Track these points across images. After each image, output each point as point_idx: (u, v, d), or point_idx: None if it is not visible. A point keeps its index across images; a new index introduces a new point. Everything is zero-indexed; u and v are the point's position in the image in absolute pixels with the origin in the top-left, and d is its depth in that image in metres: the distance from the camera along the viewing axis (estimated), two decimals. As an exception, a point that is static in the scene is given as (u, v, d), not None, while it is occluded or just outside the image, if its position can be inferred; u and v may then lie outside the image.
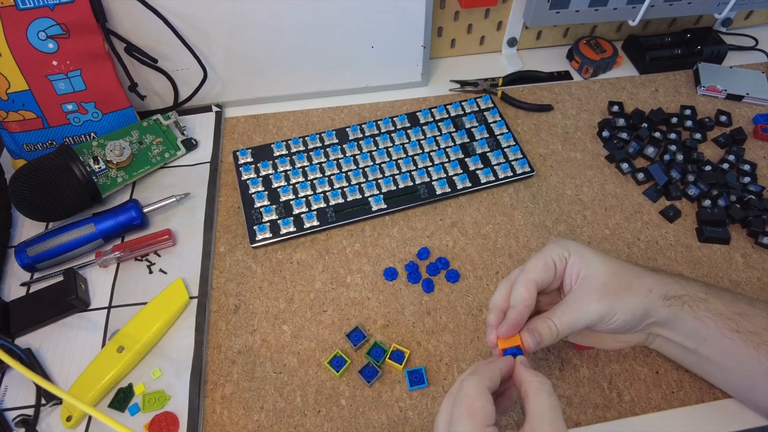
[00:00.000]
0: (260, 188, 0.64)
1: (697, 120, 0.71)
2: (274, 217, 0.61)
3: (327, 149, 0.67)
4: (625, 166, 0.66)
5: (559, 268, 0.43)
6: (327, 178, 0.64)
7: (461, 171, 0.65)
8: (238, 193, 0.64)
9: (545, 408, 0.35)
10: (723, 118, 0.71)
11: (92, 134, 0.65)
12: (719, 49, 0.78)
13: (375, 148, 0.67)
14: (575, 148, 0.69)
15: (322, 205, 0.62)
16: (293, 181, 0.64)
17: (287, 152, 0.67)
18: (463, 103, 0.71)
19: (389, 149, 0.67)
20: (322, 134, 0.68)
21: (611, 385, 0.50)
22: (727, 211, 0.61)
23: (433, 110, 0.71)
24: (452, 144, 0.67)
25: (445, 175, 0.64)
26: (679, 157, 0.66)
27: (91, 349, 0.52)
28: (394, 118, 0.70)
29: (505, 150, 0.67)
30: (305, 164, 0.65)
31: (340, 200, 0.62)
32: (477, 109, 0.71)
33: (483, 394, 0.35)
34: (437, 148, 0.67)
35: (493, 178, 0.64)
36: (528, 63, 0.79)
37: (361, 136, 0.68)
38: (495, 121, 0.70)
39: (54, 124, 0.63)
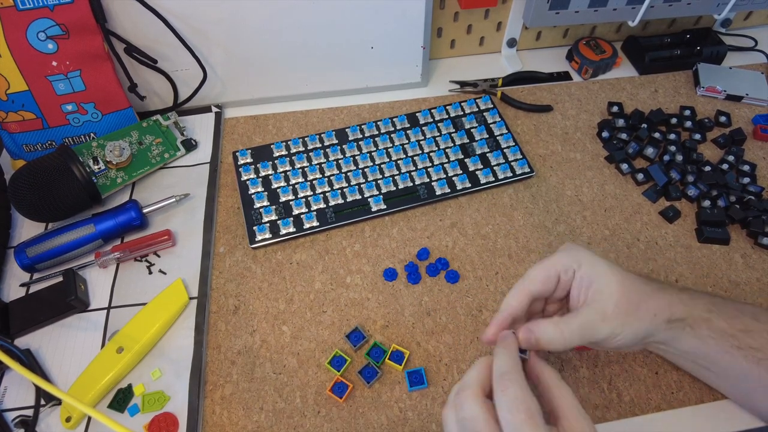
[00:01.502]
0: (260, 189, 0.64)
1: (696, 120, 0.71)
2: (273, 217, 0.61)
3: (326, 150, 0.67)
4: (624, 166, 0.66)
5: (564, 280, 0.42)
6: (326, 179, 0.64)
7: (461, 171, 0.65)
8: (237, 193, 0.64)
9: (573, 402, 0.35)
10: (722, 119, 0.71)
11: (92, 135, 0.65)
12: (719, 50, 0.78)
13: (374, 149, 0.67)
14: (575, 148, 0.69)
15: (322, 205, 0.62)
16: (293, 181, 0.64)
17: (287, 153, 0.67)
18: (462, 104, 0.71)
19: (389, 150, 0.67)
20: (322, 135, 0.68)
21: (611, 385, 0.50)
22: (726, 212, 0.61)
23: (432, 111, 0.71)
24: (452, 144, 0.67)
25: (444, 176, 0.64)
26: (679, 157, 0.66)
27: (90, 349, 0.52)
28: (394, 119, 0.70)
29: (504, 150, 0.67)
30: (305, 165, 0.65)
31: (340, 201, 0.62)
32: (476, 109, 0.71)
33: (531, 394, 0.34)
34: (437, 148, 0.67)
35: (493, 179, 0.64)
36: (527, 63, 0.79)
37: (361, 136, 0.68)
38: (494, 122, 0.70)
39: (53, 125, 0.63)
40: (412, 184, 0.64)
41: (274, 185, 0.64)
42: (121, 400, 0.49)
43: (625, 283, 0.42)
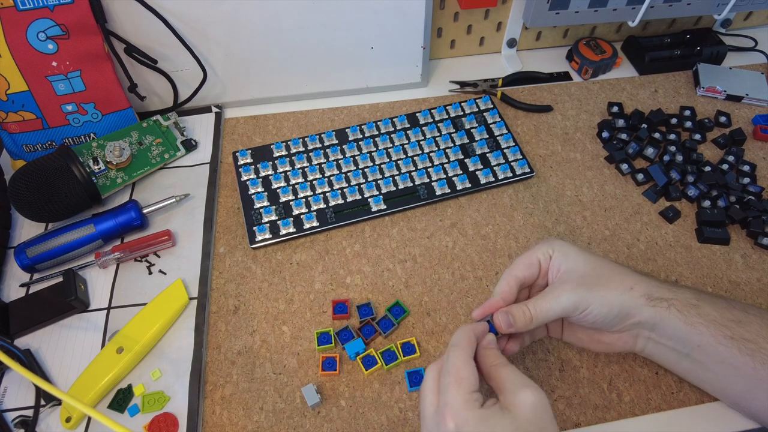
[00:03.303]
0: (260, 189, 0.64)
1: (696, 121, 0.71)
2: (273, 217, 0.61)
3: (326, 150, 0.67)
4: (624, 166, 0.66)
5: (543, 266, 0.46)
6: (326, 179, 0.64)
7: (461, 172, 0.65)
8: (237, 193, 0.64)
9: (513, 377, 0.38)
10: (722, 119, 0.71)
11: (92, 135, 0.65)
12: (719, 50, 0.78)
13: (374, 149, 0.67)
14: (575, 148, 0.69)
15: (322, 205, 0.62)
16: (293, 181, 0.64)
17: (287, 153, 0.67)
18: (462, 104, 0.71)
19: (389, 150, 0.67)
20: (322, 135, 0.68)
21: (611, 385, 0.50)
22: (726, 212, 0.61)
23: (432, 111, 0.71)
24: (452, 145, 0.67)
25: (444, 176, 0.64)
26: (679, 157, 0.66)
27: (90, 349, 0.52)
28: (394, 119, 0.70)
29: (504, 151, 0.67)
30: (305, 165, 0.65)
31: (340, 201, 0.62)
32: (476, 109, 0.71)
33: (468, 363, 0.38)
34: (437, 148, 0.67)
35: (493, 179, 0.64)
36: (527, 64, 0.80)
37: (361, 136, 0.68)
38: (494, 122, 0.70)
39: (54, 125, 0.63)
40: (412, 185, 0.64)
41: (274, 185, 0.64)
42: (121, 400, 0.49)
43: (595, 261, 0.45)
